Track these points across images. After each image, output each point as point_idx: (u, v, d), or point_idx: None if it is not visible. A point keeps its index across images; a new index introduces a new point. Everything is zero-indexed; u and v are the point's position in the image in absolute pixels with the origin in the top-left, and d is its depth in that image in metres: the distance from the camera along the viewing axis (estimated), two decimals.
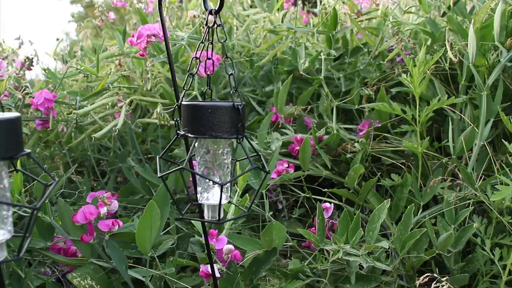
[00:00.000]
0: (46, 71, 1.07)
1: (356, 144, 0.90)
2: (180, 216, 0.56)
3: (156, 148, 1.06)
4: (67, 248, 0.68)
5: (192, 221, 0.73)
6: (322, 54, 1.02)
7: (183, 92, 0.49)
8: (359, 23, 1.09)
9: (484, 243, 0.76)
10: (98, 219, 0.63)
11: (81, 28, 1.50)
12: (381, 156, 1.00)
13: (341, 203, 0.94)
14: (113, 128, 0.84)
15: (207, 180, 0.49)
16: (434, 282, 0.64)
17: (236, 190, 0.73)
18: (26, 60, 1.01)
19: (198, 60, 0.49)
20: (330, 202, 0.86)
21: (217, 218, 0.49)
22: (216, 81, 1.19)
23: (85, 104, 1.02)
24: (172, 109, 0.49)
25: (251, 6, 1.46)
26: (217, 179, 0.50)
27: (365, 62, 1.08)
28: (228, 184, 0.50)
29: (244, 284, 0.67)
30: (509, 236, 0.77)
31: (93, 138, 0.86)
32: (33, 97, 0.93)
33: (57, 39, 1.37)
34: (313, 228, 0.81)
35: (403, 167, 0.93)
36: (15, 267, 0.65)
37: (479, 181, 0.81)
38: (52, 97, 1.01)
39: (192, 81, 0.50)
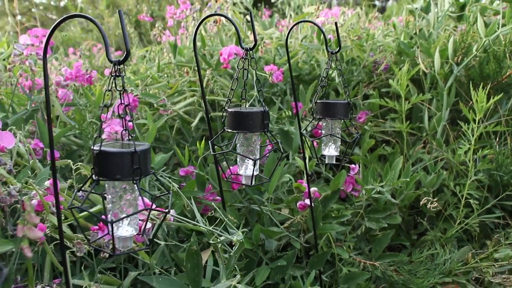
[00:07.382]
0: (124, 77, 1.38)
1: (365, 127, 1.36)
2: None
3: None
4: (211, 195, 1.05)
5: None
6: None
7: (314, 95, 0.90)
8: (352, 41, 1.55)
9: (449, 184, 1.25)
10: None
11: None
12: (374, 134, 1.47)
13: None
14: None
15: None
16: (430, 202, 1.10)
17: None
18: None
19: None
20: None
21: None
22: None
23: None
24: (310, 106, 0.88)
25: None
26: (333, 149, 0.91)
27: (358, 70, 1.54)
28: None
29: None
30: (463, 178, 1.26)
31: (191, 127, 1.22)
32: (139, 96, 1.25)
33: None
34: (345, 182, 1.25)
35: (392, 140, 1.41)
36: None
37: (444, 146, 1.30)
38: (136, 98, 1.35)
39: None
